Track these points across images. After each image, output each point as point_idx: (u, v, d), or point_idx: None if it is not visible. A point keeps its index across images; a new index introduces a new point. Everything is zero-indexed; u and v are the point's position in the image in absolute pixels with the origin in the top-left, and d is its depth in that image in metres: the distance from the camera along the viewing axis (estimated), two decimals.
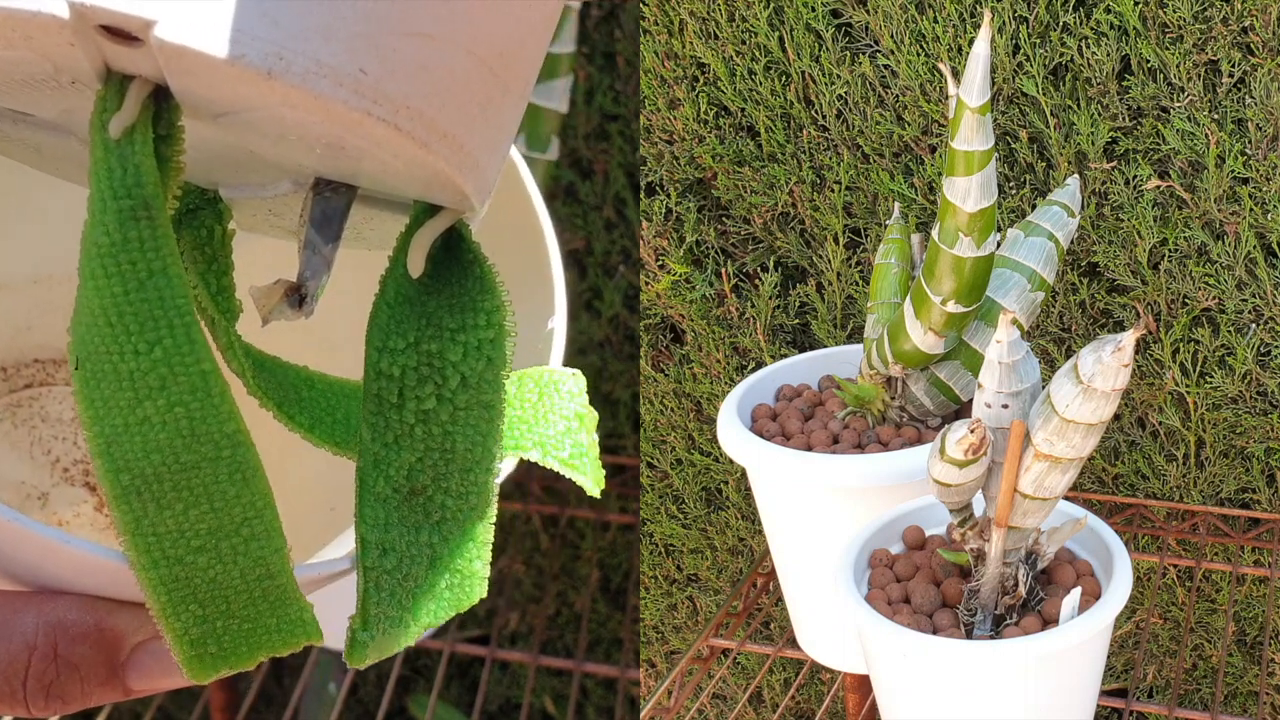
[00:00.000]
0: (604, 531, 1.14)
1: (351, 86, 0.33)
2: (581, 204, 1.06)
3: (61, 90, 0.37)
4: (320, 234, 0.40)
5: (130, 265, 0.35)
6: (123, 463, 0.36)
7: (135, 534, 0.36)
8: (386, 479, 0.41)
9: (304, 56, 0.33)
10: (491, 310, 0.41)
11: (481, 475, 0.42)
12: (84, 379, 0.36)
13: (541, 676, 1.16)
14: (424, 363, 0.41)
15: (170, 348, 0.35)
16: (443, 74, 0.35)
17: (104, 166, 0.35)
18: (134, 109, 0.35)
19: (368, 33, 0.34)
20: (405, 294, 0.41)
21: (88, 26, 0.33)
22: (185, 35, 0.32)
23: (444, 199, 0.39)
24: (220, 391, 0.36)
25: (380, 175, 0.39)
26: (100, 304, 0.35)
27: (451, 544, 0.42)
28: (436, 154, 0.36)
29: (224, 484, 0.36)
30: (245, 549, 0.37)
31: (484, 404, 0.42)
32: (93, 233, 0.35)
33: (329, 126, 0.35)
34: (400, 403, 0.41)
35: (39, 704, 0.39)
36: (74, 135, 0.40)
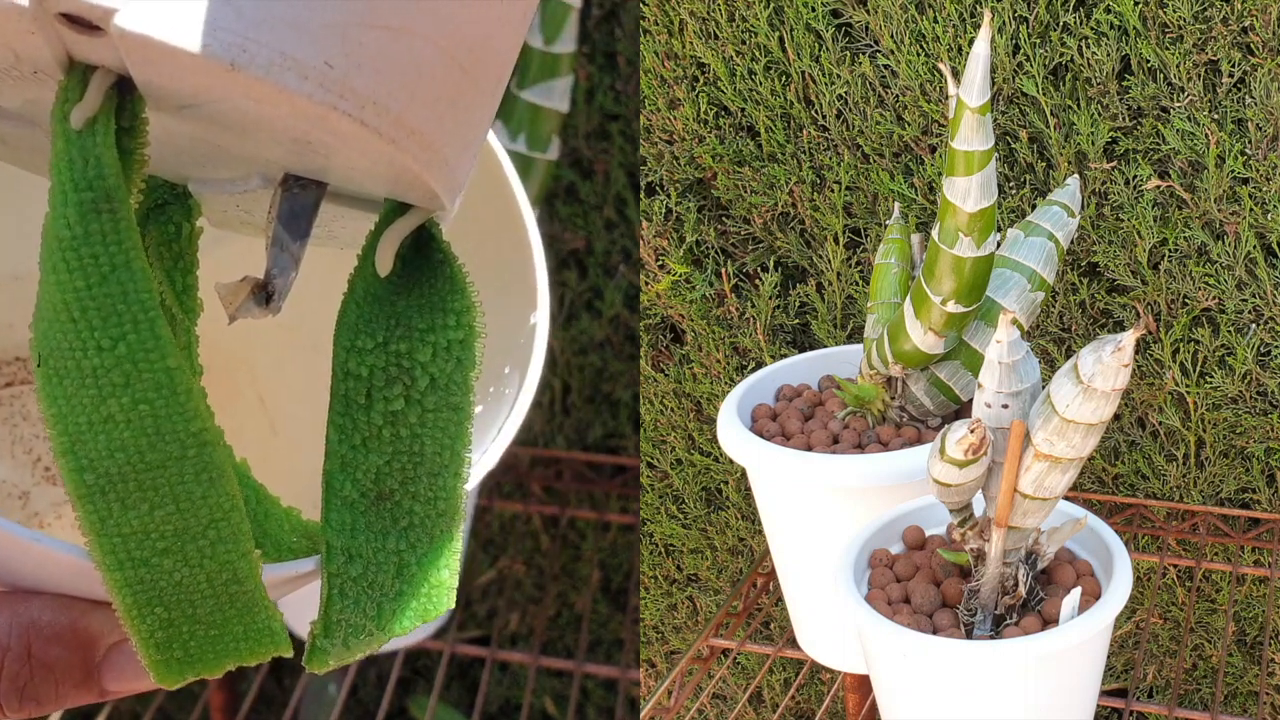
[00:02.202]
0: (604, 532, 1.14)
1: (317, 80, 0.33)
2: (582, 204, 1.06)
3: (24, 80, 0.36)
4: (288, 230, 0.39)
5: (92, 259, 0.34)
6: (86, 462, 0.35)
7: (100, 534, 0.36)
8: (354, 483, 0.40)
9: (268, 48, 0.32)
10: (461, 311, 0.41)
11: (450, 480, 0.42)
12: (46, 376, 0.35)
13: (542, 677, 1.15)
14: (392, 363, 0.40)
15: (134, 344, 0.35)
16: (411, 69, 0.34)
17: (65, 158, 0.35)
18: (96, 100, 0.34)
19: (334, 24, 0.33)
20: (374, 293, 0.40)
21: (48, 14, 0.32)
22: (146, 24, 0.32)
23: (413, 197, 0.39)
24: (186, 389, 0.36)
25: (349, 172, 0.38)
26: (62, 299, 0.35)
27: (419, 551, 0.41)
28: (404, 151, 0.35)
29: (190, 484, 0.36)
30: (212, 552, 0.37)
31: (453, 406, 0.41)
32: (54, 226, 0.35)
33: (294, 121, 0.34)
34: (368, 404, 0.40)
35: (12, 705, 0.38)
36: (38, 126, 0.39)
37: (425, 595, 0.41)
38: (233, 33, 0.32)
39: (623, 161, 1.04)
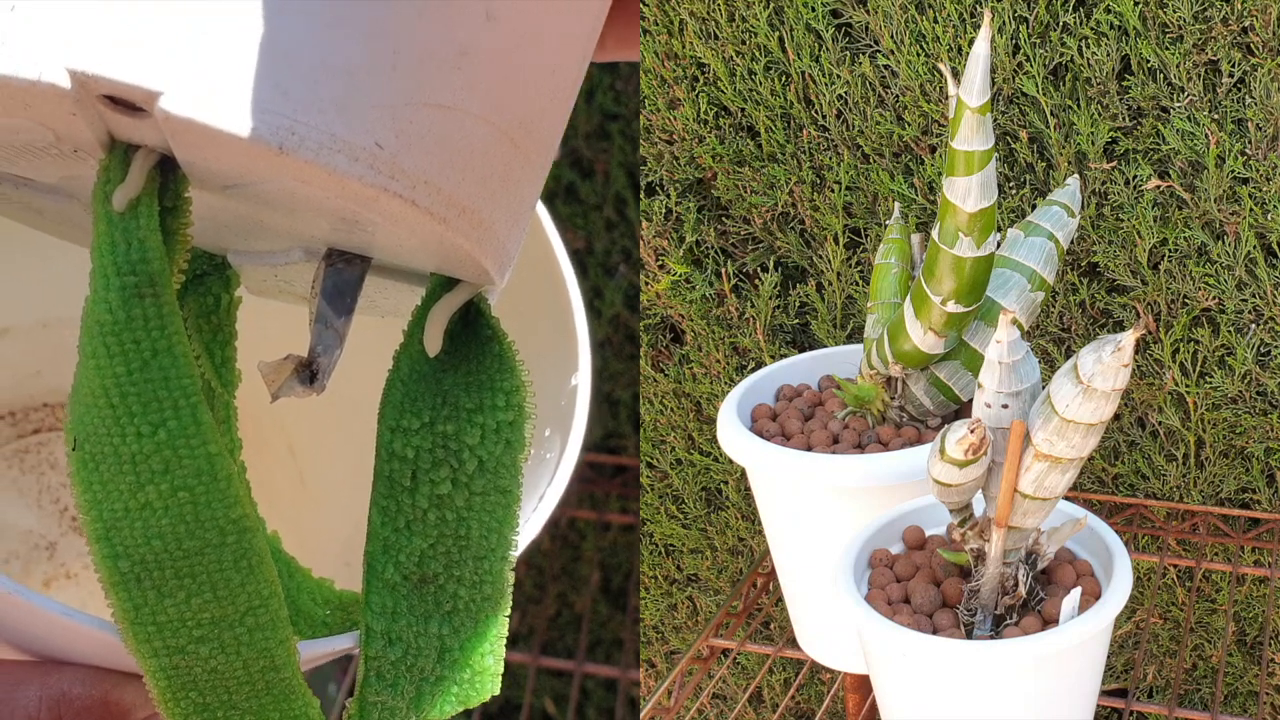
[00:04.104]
0: (604, 532, 1.14)
1: (367, 161, 0.32)
2: (582, 204, 1.06)
3: (63, 158, 0.35)
4: (333, 307, 0.38)
5: (134, 344, 0.34)
6: (122, 549, 0.34)
7: (134, 623, 0.35)
8: (396, 565, 0.39)
9: (317, 130, 0.31)
10: (511, 391, 0.39)
11: (496, 564, 0.40)
12: (82, 460, 0.34)
13: (542, 677, 1.15)
14: (439, 445, 0.39)
15: (175, 430, 0.34)
16: (462, 147, 0.34)
17: (107, 241, 0.34)
18: (139, 181, 0.34)
19: (384, 104, 0.32)
20: (420, 371, 0.39)
21: (90, 96, 0.31)
22: (192, 108, 0.31)
23: (462, 272, 0.38)
24: (227, 475, 0.35)
25: (396, 248, 0.37)
26: (101, 384, 0.34)
27: (463, 636, 0.40)
28: (455, 230, 0.34)
29: (229, 571, 0.35)
30: (250, 639, 0.36)
31: (501, 489, 0.40)
32: (95, 310, 0.34)
33: (343, 201, 0.33)
34: (413, 486, 0.39)
35: None
36: (77, 200, 0.38)
37: (468, 681, 0.40)
38: (280, 115, 0.31)
39: (623, 161, 1.04)
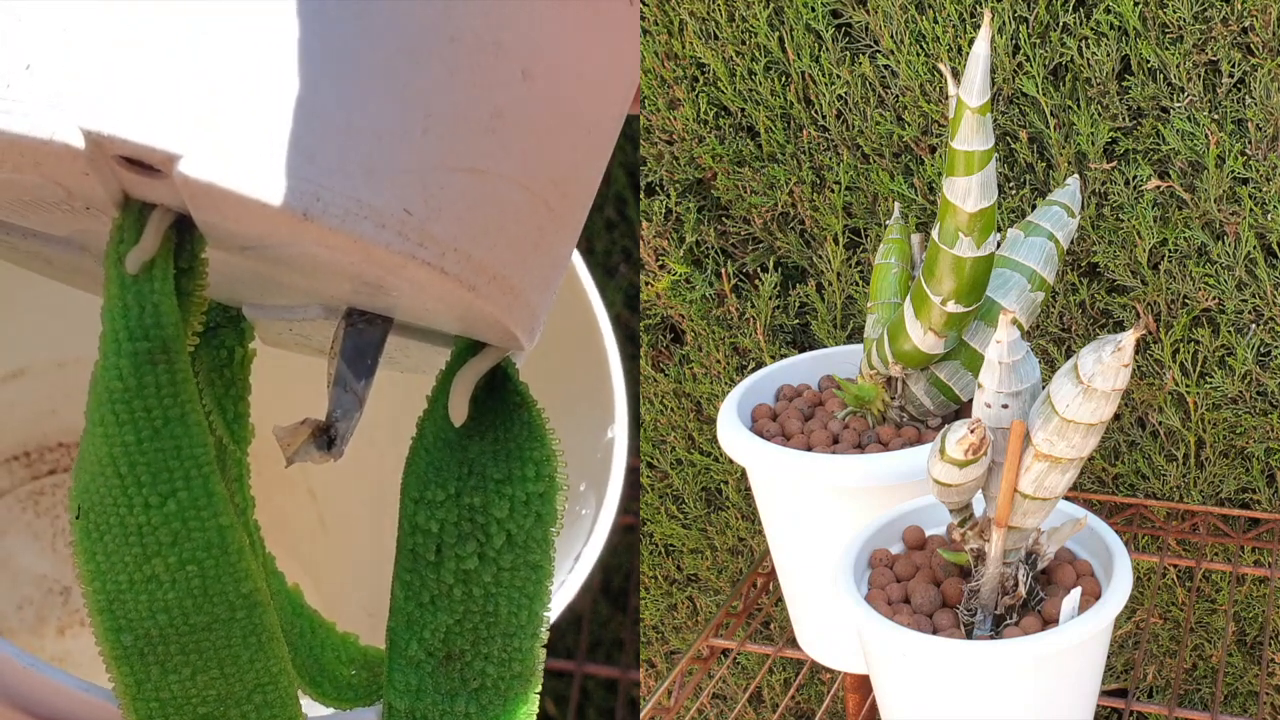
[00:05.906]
0: None
1: (395, 228, 0.30)
2: None
3: (75, 213, 0.34)
4: (352, 369, 0.36)
5: (145, 413, 0.32)
6: (125, 622, 0.33)
7: (136, 698, 0.34)
8: (420, 642, 0.37)
9: (343, 196, 0.30)
10: (541, 461, 0.37)
11: (527, 641, 0.38)
12: (86, 530, 0.33)
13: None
14: (465, 518, 0.37)
15: (185, 501, 0.33)
16: (494, 212, 0.32)
17: (119, 304, 0.32)
18: (154, 242, 0.32)
19: (413, 169, 0.30)
20: (445, 438, 0.37)
21: (105, 157, 0.30)
22: (212, 171, 0.29)
23: (489, 337, 0.36)
24: (238, 549, 0.33)
25: (420, 311, 0.35)
26: (110, 452, 0.32)
27: (491, 714, 0.38)
28: (484, 297, 0.33)
29: (237, 648, 0.34)
30: (257, 717, 0.35)
31: (531, 565, 0.38)
32: (104, 375, 0.32)
33: (368, 267, 0.32)
34: (438, 561, 0.37)
35: None
36: (88, 252, 0.36)
37: None
38: (306, 180, 0.30)
39: (623, 161, 1.04)
